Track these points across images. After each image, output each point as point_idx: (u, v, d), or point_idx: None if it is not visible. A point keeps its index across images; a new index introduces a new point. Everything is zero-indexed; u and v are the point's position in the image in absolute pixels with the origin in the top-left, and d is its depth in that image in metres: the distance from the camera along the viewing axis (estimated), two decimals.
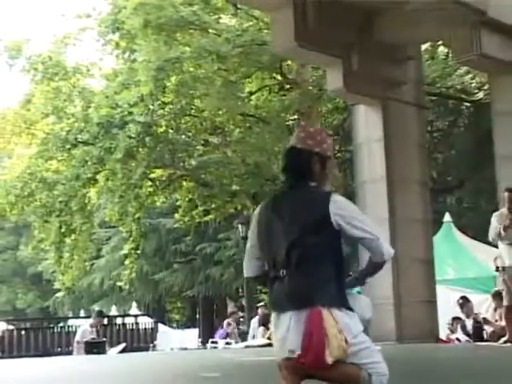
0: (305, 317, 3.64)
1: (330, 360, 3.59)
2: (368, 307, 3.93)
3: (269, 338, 15.15)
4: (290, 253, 3.73)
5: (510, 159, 11.93)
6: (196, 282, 31.47)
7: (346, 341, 3.61)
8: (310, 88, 20.15)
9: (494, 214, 9.71)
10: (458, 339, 12.63)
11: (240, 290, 30.62)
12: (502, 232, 9.47)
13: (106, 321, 18.38)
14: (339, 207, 3.74)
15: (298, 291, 3.69)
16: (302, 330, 3.64)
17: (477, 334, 12.45)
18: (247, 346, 14.18)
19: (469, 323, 12.74)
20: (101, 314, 16.33)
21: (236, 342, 15.63)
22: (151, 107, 19.26)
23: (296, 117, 21.44)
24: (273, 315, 3.85)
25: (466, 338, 12.56)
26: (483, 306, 14.34)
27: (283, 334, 3.72)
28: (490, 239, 9.89)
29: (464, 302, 12.95)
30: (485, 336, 12.20)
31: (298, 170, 3.91)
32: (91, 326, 14.98)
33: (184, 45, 19.10)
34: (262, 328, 15.29)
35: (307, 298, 3.66)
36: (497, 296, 11.57)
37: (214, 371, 6.59)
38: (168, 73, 18.27)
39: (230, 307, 18.42)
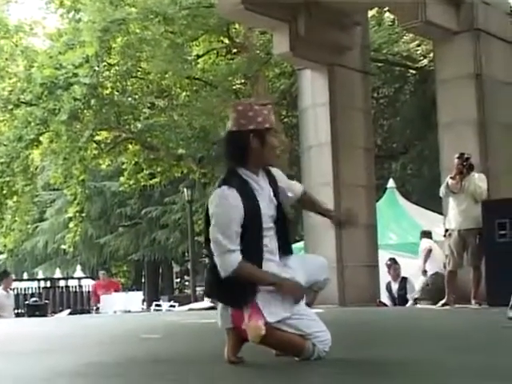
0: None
1: (251, 340, 3.70)
2: (324, 268, 3.99)
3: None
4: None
5: (452, 126, 12.08)
6: (141, 246, 31.42)
7: (264, 320, 3.65)
8: (258, 52, 20.11)
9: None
10: (382, 302, 12.79)
11: (186, 253, 30.64)
12: (449, 181, 9.66)
13: (48, 283, 18.26)
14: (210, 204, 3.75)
15: (213, 289, 3.84)
16: (229, 317, 3.77)
17: (401, 298, 12.71)
18: (190, 309, 14.24)
19: (394, 286, 12.98)
20: (7, 274, 15.08)
21: None
22: (96, 68, 18.98)
23: (243, 81, 21.40)
24: None
25: (389, 302, 12.80)
26: None
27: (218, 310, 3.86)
28: (441, 194, 10.06)
29: (391, 264, 13.16)
30: (409, 300, 12.46)
31: (235, 155, 3.84)
32: (4, 290, 14.36)
33: (130, 5, 18.87)
34: None
35: (223, 297, 3.78)
36: None
37: (155, 333, 6.62)
38: (113, 34, 18.04)
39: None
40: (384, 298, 13.08)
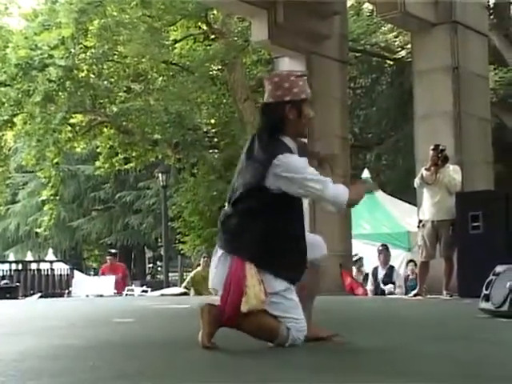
0: (229, 261, 3.74)
1: (245, 308, 3.67)
2: (320, 246, 4.02)
3: (186, 288, 15.25)
4: (232, 198, 3.84)
5: (427, 118, 12.14)
6: (114, 230, 31.33)
7: (266, 293, 3.69)
8: (235, 39, 20.04)
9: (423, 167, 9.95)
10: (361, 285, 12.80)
11: (159, 239, 30.59)
12: (424, 172, 9.71)
13: (20, 266, 18.14)
14: (281, 170, 3.68)
15: (229, 236, 3.80)
16: (225, 273, 3.74)
17: (384, 285, 12.74)
18: (163, 295, 14.24)
19: (381, 272, 12.99)
20: None
21: None
22: (72, 51, 18.78)
23: (220, 67, 21.32)
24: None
25: (372, 288, 12.83)
26: (397, 259, 14.73)
27: (212, 269, 3.86)
28: (415, 185, 10.12)
29: (383, 250, 13.13)
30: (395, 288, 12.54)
31: (273, 126, 3.82)
32: None
33: None
34: None
35: (235, 245, 3.77)
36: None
37: (128, 317, 6.60)
38: (90, 16, 17.85)
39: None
40: (368, 283, 13.10)
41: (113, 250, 19.89)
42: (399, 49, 21.91)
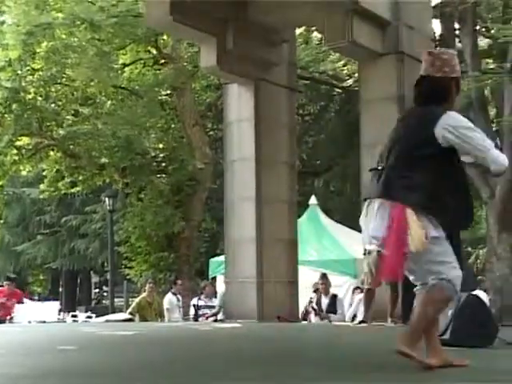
0: (390, 208, 4.04)
1: (412, 248, 3.97)
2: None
3: (131, 313, 15.05)
4: (392, 150, 4.18)
5: (373, 147, 12.20)
6: (60, 255, 30.91)
7: (427, 237, 3.96)
8: (185, 64, 20.09)
9: None
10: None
11: (105, 264, 30.26)
12: None
13: None
14: (449, 123, 4.04)
15: (389, 184, 4.10)
16: (386, 219, 4.06)
17: (330, 312, 12.72)
18: (108, 321, 14.06)
19: (325, 301, 12.99)
20: None
21: None
22: (19, 72, 18.60)
23: (169, 92, 21.33)
24: (366, 204, 4.33)
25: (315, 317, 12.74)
26: (343, 287, 14.79)
27: (370, 220, 4.21)
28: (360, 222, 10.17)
29: (323, 279, 13.15)
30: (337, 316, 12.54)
31: (436, 97, 4.24)
32: None
33: (56, 10, 18.56)
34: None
35: (396, 191, 4.05)
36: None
37: (71, 344, 6.50)
38: (38, 38, 17.69)
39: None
40: (311, 314, 13.05)
41: (12, 275, 19.63)
42: (347, 77, 22.20)
